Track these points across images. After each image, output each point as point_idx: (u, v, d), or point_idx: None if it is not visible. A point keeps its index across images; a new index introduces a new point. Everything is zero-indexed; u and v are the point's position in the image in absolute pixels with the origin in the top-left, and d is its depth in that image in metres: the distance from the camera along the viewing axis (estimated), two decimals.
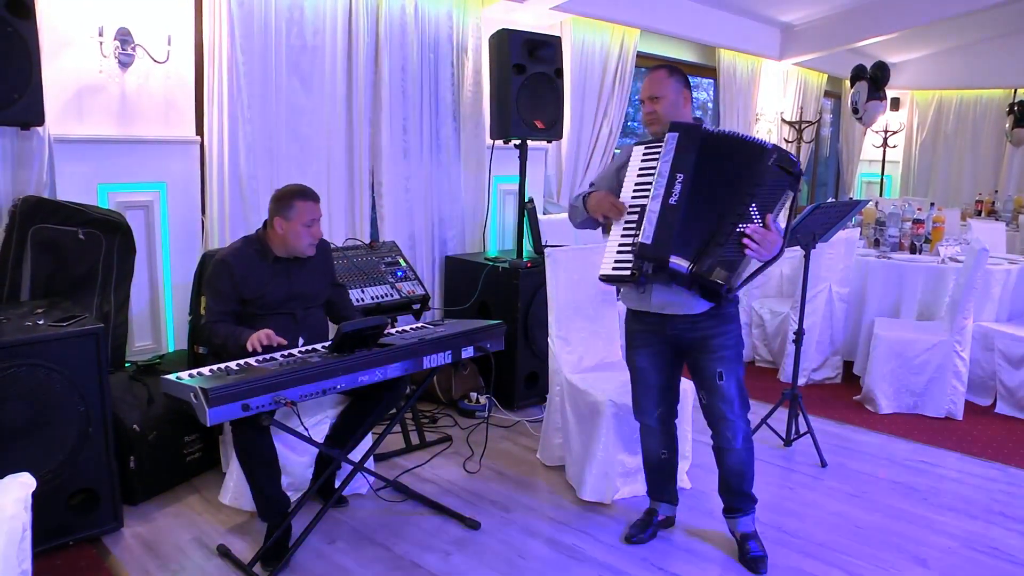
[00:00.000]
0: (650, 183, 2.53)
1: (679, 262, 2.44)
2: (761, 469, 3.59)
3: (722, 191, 2.47)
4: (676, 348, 2.75)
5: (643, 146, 2.63)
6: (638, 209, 2.54)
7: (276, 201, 2.94)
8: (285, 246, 2.94)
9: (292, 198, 2.91)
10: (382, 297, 3.79)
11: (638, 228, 2.50)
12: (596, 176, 2.85)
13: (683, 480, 3.38)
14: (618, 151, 2.95)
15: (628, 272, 2.50)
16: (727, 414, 2.69)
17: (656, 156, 2.56)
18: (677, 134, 2.51)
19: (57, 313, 2.85)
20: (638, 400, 2.88)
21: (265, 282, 2.93)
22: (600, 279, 2.59)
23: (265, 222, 3.01)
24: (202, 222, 3.84)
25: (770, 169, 2.44)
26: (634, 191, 2.58)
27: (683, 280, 2.49)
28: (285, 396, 2.37)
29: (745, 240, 2.41)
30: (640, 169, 2.60)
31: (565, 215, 5.37)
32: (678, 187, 2.46)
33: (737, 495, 2.85)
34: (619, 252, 2.55)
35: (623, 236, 2.56)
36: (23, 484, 1.42)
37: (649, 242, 2.44)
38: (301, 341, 2.96)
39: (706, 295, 2.55)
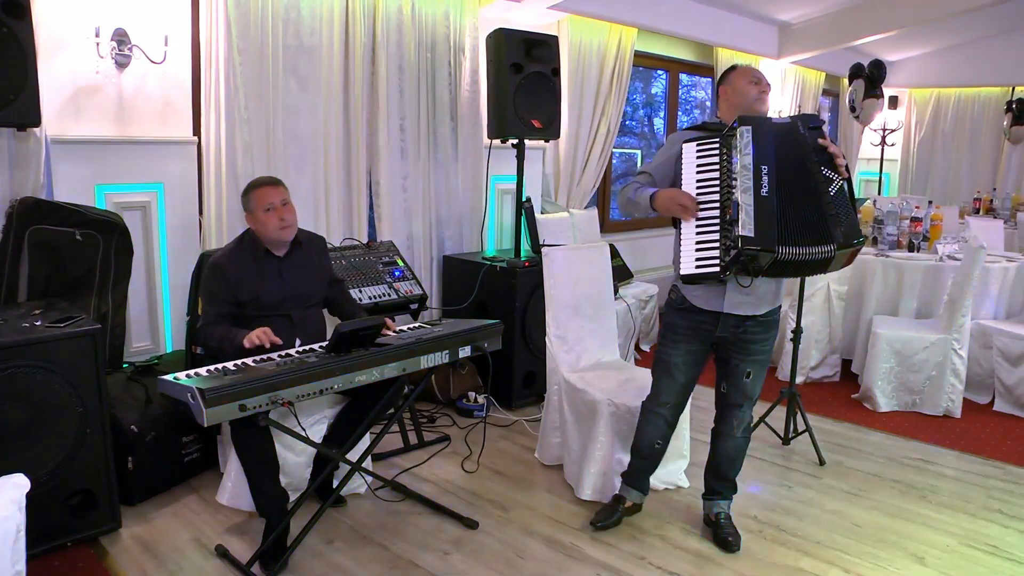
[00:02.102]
0: (713, 179, 2.58)
1: (792, 250, 2.45)
2: (759, 467, 3.61)
3: (798, 169, 2.53)
4: (714, 346, 2.83)
5: (694, 143, 2.65)
6: (710, 204, 2.57)
7: (242, 198, 3.01)
8: (265, 237, 2.97)
9: (249, 190, 2.98)
10: (380, 297, 3.79)
11: (716, 225, 2.54)
12: (649, 165, 2.83)
13: (681, 479, 3.39)
14: (618, 150, 2.91)
15: (716, 268, 2.52)
16: (742, 406, 2.87)
17: (710, 152, 2.61)
18: (751, 127, 2.55)
19: (54, 314, 2.85)
20: (659, 391, 2.91)
21: (259, 282, 2.93)
22: (682, 279, 2.62)
23: None
24: (200, 222, 3.83)
25: (807, 135, 2.57)
26: (697, 188, 2.60)
27: (779, 269, 2.53)
28: (282, 396, 2.37)
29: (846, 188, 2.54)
30: (698, 166, 2.63)
31: (562, 214, 5.42)
32: (765, 179, 2.50)
33: (723, 480, 2.98)
34: (699, 250, 2.56)
35: (699, 234, 2.57)
36: (17, 485, 1.42)
37: (752, 235, 2.45)
38: (298, 342, 2.96)
39: (784, 274, 2.65)
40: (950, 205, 7.07)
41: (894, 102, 9.11)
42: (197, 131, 3.77)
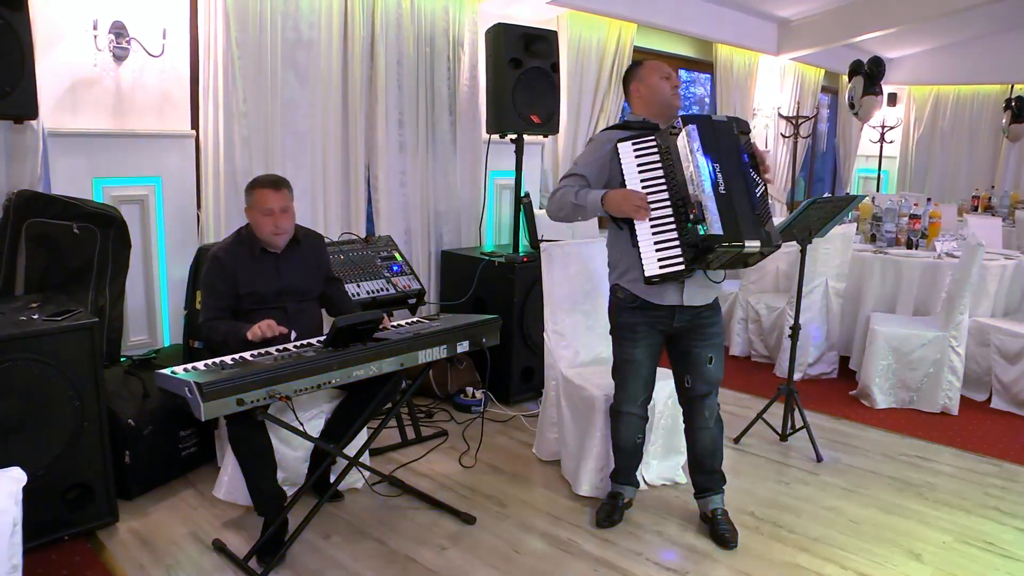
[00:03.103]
0: (658, 178, 2.61)
1: (752, 244, 2.53)
2: (756, 464, 3.62)
3: (737, 168, 2.61)
4: (668, 337, 2.87)
5: (629, 143, 2.66)
6: (661, 203, 2.60)
7: (245, 193, 2.99)
8: (259, 234, 2.96)
9: (253, 186, 2.95)
10: (378, 292, 3.79)
11: (671, 223, 2.59)
12: (579, 167, 2.79)
13: (678, 475, 3.39)
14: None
15: (681, 267, 2.57)
16: (709, 394, 2.89)
17: (648, 151, 2.64)
18: (696, 126, 2.58)
19: (52, 307, 2.84)
20: (628, 390, 2.93)
21: (256, 276, 2.93)
22: (648, 281, 2.63)
23: None
24: (197, 216, 3.83)
25: (739, 136, 2.67)
26: (643, 188, 2.63)
27: (732, 263, 2.63)
28: (280, 391, 2.37)
29: (768, 194, 2.66)
30: (639, 165, 2.64)
31: None
32: (720, 176, 2.55)
33: (710, 474, 2.98)
34: (660, 250, 2.59)
35: (657, 233, 2.60)
36: (13, 479, 1.41)
37: (721, 232, 2.50)
38: (293, 335, 2.96)
39: (731, 266, 2.69)
40: (948, 203, 7.09)
41: (893, 99, 9.11)
42: (195, 125, 3.76)
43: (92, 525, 2.84)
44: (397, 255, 4.07)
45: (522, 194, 4.47)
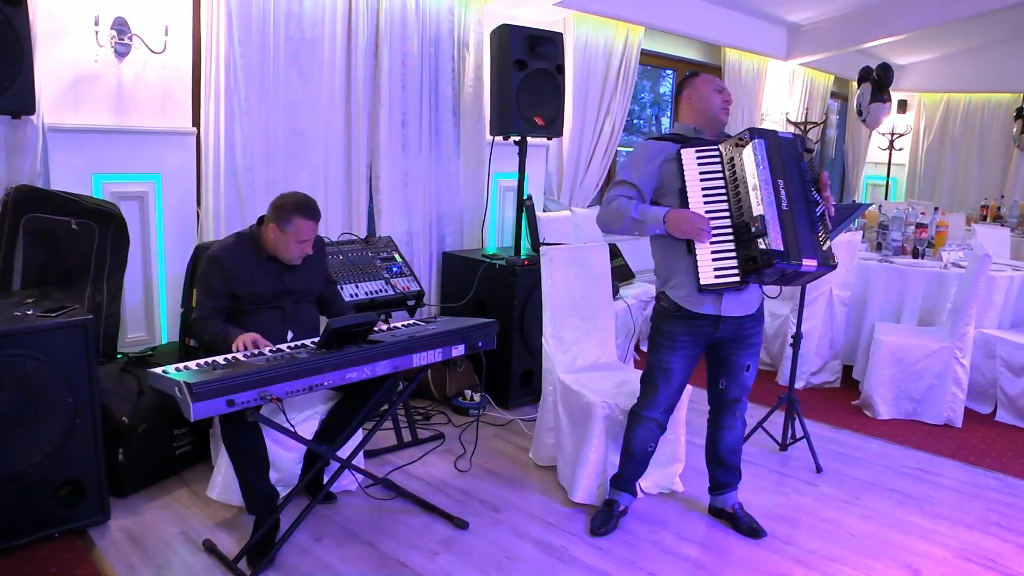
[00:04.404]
0: (719, 188, 2.64)
1: (809, 263, 2.55)
2: (755, 473, 3.58)
3: (800, 186, 2.63)
4: (709, 347, 2.89)
5: (692, 150, 2.67)
6: (720, 213, 2.62)
7: (277, 208, 2.89)
8: (275, 251, 2.92)
9: (293, 213, 2.86)
10: (376, 293, 3.76)
11: (729, 233, 2.61)
12: (628, 176, 2.73)
13: (675, 483, 3.36)
14: (623, 149, 2.92)
15: (736, 279, 2.61)
16: (740, 399, 2.98)
17: (711, 160, 2.66)
18: (764, 141, 2.59)
19: (47, 303, 2.83)
20: (657, 398, 2.90)
21: (256, 279, 2.91)
22: (701, 289, 2.65)
23: (261, 218, 2.98)
24: (197, 214, 3.81)
25: (803, 154, 2.69)
26: (704, 197, 2.64)
27: (787, 279, 2.64)
28: (271, 392, 2.35)
29: (828, 215, 2.66)
30: (701, 174, 2.66)
31: (565, 213, 5.38)
32: (783, 192, 2.57)
33: (732, 469, 3.06)
34: (716, 260, 2.62)
35: (715, 243, 2.62)
36: None
37: (782, 248, 2.51)
38: (290, 335, 2.94)
39: (785, 282, 2.70)
40: (957, 212, 7.02)
41: (903, 106, 9.05)
42: (196, 122, 3.75)
43: (83, 523, 2.83)
44: (397, 256, 4.05)
45: (524, 196, 4.45)
